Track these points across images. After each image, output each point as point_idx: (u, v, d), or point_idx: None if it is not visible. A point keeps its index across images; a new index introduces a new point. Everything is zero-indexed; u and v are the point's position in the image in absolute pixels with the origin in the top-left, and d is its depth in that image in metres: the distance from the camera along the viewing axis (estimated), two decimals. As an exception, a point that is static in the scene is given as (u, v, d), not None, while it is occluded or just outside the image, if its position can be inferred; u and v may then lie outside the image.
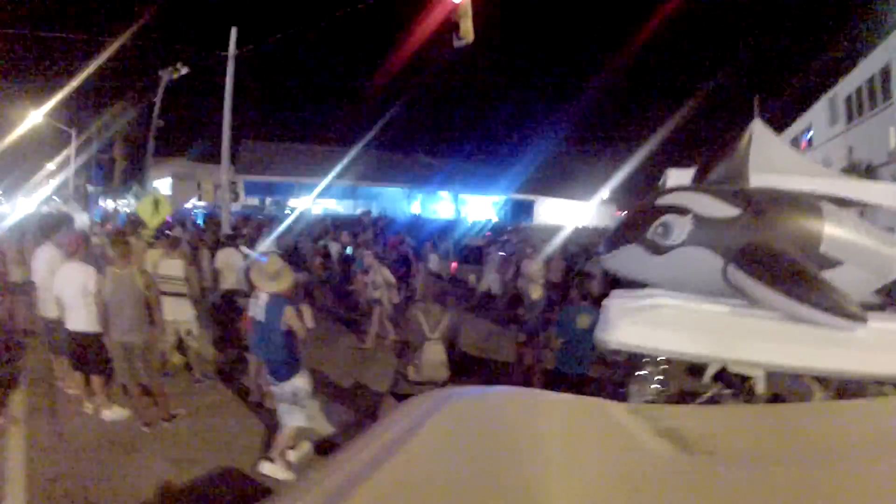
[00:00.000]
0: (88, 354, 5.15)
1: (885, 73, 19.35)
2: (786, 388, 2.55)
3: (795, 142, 29.23)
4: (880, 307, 2.28)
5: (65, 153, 26.10)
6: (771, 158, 6.41)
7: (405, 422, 0.91)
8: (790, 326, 1.99)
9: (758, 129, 7.31)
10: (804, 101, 28.08)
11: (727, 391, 2.47)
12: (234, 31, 12.07)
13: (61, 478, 4.20)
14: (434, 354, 4.16)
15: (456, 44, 8.28)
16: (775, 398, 2.47)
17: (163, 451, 4.73)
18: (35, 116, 21.54)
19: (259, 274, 4.64)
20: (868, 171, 18.59)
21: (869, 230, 2.27)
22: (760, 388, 2.33)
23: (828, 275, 2.04)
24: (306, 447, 4.74)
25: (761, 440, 0.99)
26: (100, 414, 5.23)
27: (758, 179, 2.54)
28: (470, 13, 8.21)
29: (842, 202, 2.36)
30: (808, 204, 2.25)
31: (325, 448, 4.67)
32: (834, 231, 2.15)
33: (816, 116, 26.89)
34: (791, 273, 1.99)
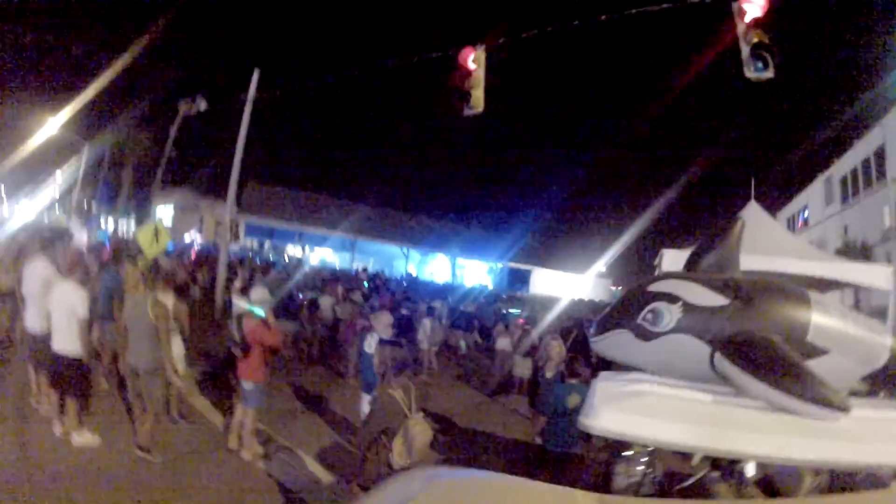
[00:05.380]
0: (67, 376, 5.11)
1: (880, 155, 20.00)
2: (776, 471, 2.52)
3: (792, 221, 29.87)
4: (866, 395, 2.30)
5: (73, 165, 26.16)
6: (764, 241, 6.61)
7: (391, 499, 0.93)
8: (776, 416, 1.99)
9: (752, 212, 7.58)
10: (801, 181, 28.87)
11: (715, 474, 2.44)
12: (255, 74, 12.36)
13: (18, 496, 4.08)
14: (424, 434, 3.74)
15: (465, 112, 8.49)
16: (764, 481, 2.44)
17: (128, 488, 4.57)
18: (51, 124, 21.51)
19: (379, 322, 6.08)
20: (864, 250, 18.85)
21: (856, 319, 2.32)
22: (750, 471, 2.31)
23: (814, 364, 2.07)
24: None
25: None
26: (69, 437, 5.13)
27: (750, 261, 2.61)
28: (483, 83, 8.53)
29: (832, 285, 2.43)
30: (795, 293, 2.31)
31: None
32: (821, 320, 2.20)
33: (812, 196, 27.62)
34: (776, 363, 2.01)
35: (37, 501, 4.09)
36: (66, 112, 20.44)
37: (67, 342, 5.05)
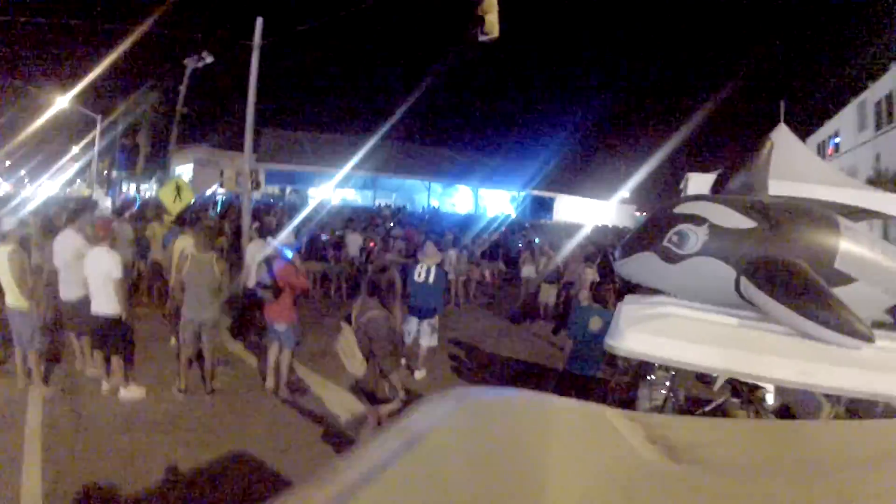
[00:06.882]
0: (110, 336, 5.44)
1: (918, 79, 18.81)
2: (795, 400, 2.54)
3: (822, 147, 28.62)
4: (891, 326, 2.25)
5: (89, 138, 26.25)
6: (792, 166, 6.33)
7: (424, 419, 0.96)
8: (799, 342, 1.97)
9: (781, 136, 7.24)
10: (833, 105, 27.36)
11: (735, 400, 2.47)
12: (259, 22, 12.07)
13: (77, 455, 4.35)
14: (336, 342, 4.07)
15: (480, 38, 8.24)
16: (783, 410, 2.46)
17: (175, 434, 4.86)
18: (61, 101, 21.75)
19: (427, 255, 7.09)
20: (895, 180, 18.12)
21: (885, 248, 2.24)
22: (770, 399, 2.32)
23: (840, 291, 2.01)
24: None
25: (749, 454, 1.01)
26: (117, 394, 5.44)
27: (778, 187, 2.52)
28: (496, 8, 8.18)
29: (861, 214, 2.33)
30: (825, 219, 2.22)
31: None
32: (849, 247, 2.12)
33: (844, 122, 26.25)
34: (801, 288, 1.97)
35: (88, 454, 4.36)
36: (76, 87, 20.37)
37: (106, 304, 5.36)
